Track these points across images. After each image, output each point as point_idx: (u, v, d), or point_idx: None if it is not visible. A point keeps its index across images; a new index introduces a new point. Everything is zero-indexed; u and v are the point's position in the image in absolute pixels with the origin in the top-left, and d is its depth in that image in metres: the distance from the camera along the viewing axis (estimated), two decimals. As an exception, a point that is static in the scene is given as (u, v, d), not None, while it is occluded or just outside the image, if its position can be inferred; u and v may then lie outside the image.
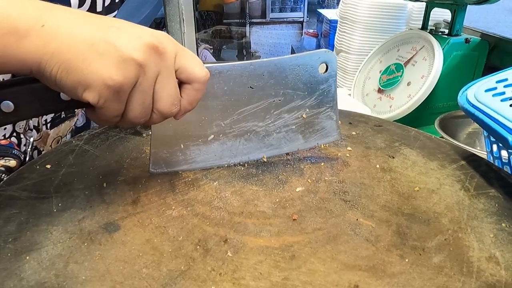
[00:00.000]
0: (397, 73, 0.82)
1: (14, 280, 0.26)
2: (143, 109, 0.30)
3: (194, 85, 0.31)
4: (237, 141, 0.42)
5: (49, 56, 0.25)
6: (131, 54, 0.27)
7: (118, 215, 0.34)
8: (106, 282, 0.27)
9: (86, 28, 0.26)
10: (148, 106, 0.30)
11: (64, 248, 0.30)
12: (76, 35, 0.26)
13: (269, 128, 0.43)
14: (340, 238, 0.32)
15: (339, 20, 1.09)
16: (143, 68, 0.28)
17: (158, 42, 0.28)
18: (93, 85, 0.26)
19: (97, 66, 0.26)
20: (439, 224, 0.34)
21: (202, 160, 0.41)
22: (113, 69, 0.26)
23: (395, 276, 0.28)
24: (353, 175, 0.42)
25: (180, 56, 0.30)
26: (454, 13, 0.79)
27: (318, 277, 0.28)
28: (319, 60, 0.41)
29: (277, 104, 0.42)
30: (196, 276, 0.28)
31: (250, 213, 0.35)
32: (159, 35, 0.29)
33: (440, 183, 0.40)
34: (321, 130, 0.44)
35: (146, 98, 0.29)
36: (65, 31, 0.26)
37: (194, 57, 0.32)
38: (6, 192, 0.36)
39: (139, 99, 0.29)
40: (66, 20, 0.26)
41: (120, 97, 0.28)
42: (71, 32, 0.26)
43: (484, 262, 0.30)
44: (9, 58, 0.25)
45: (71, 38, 0.26)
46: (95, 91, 0.27)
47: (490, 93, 0.41)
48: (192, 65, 0.31)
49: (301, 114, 0.43)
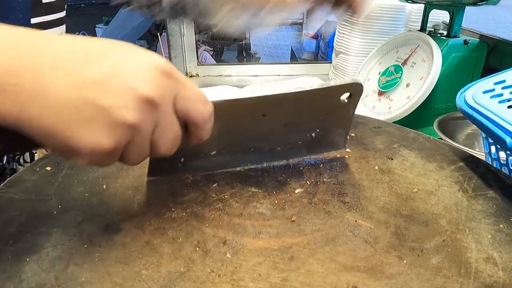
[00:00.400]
0: (396, 74, 0.82)
1: (14, 281, 0.27)
2: (139, 158, 0.27)
3: (198, 125, 0.29)
4: (241, 155, 0.41)
5: (28, 123, 0.22)
6: (123, 117, 0.23)
7: (118, 217, 0.34)
8: (106, 284, 0.27)
9: (66, 85, 0.22)
10: (145, 154, 0.27)
11: (64, 250, 0.30)
12: (55, 97, 0.22)
13: (274, 146, 0.42)
14: (339, 239, 0.32)
15: (338, 22, 1.09)
16: (136, 128, 0.24)
17: (152, 92, 0.24)
18: (80, 153, 0.24)
19: (84, 134, 0.23)
20: (438, 226, 0.34)
21: (202, 169, 0.41)
22: (102, 135, 0.23)
23: (393, 277, 0.29)
24: (352, 176, 0.42)
25: (181, 97, 0.27)
26: (453, 14, 0.80)
27: (317, 278, 0.28)
28: (345, 90, 0.38)
29: (287, 126, 0.39)
30: (195, 278, 0.28)
31: (249, 214, 0.35)
32: (153, 76, 0.25)
33: (438, 184, 0.40)
34: (328, 143, 0.44)
35: (143, 150, 0.27)
36: (42, 92, 0.22)
37: (196, 95, 0.28)
38: (6, 195, 0.36)
39: (134, 153, 0.26)
40: (41, 71, 0.22)
41: (112, 157, 0.25)
42: (49, 93, 0.22)
43: (482, 263, 0.30)
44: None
45: (50, 102, 0.22)
46: (83, 158, 0.24)
47: (488, 95, 0.41)
48: (195, 106, 0.28)
49: (310, 133, 0.42)
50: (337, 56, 1.11)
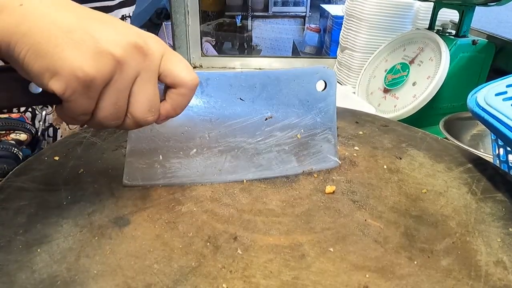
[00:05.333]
0: (402, 72, 0.82)
1: (26, 272, 0.27)
2: (115, 110, 0.27)
3: (180, 89, 0.29)
4: (223, 157, 0.39)
5: (20, 36, 0.23)
6: (109, 48, 0.25)
7: (128, 209, 0.34)
8: (118, 276, 0.27)
9: (67, 15, 0.24)
10: (121, 108, 0.27)
11: (75, 241, 0.30)
12: (53, 19, 0.24)
13: (259, 146, 0.39)
14: (349, 238, 0.32)
15: (345, 17, 1.08)
16: (120, 65, 0.25)
17: (144, 43, 0.26)
18: (60, 73, 0.24)
19: (69, 54, 0.24)
20: (447, 227, 0.34)
21: (182, 175, 0.38)
22: (86, 59, 0.24)
23: (404, 278, 0.29)
24: (360, 175, 0.42)
25: (167, 58, 0.28)
26: (462, 14, 0.79)
27: (328, 277, 0.28)
28: (317, 76, 0.39)
29: (269, 120, 0.39)
30: (207, 273, 0.28)
31: (259, 210, 0.35)
32: (147, 36, 0.27)
33: (447, 185, 0.40)
34: (317, 153, 0.41)
35: (120, 98, 0.27)
36: (41, 13, 0.24)
37: (182, 60, 0.29)
38: (15, 183, 0.36)
39: (111, 98, 0.26)
40: (47, 3, 0.24)
41: (90, 92, 0.25)
42: (49, 15, 0.24)
43: (492, 266, 0.30)
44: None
45: (47, 22, 0.24)
46: (62, 80, 0.24)
47: (500, 97, 0.41)
48: (179, 68, 0.28)
49: (295, 134, 0.40)
50: (343, 52, 1.10)
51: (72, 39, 0.24)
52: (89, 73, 0.24)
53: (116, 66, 0.25)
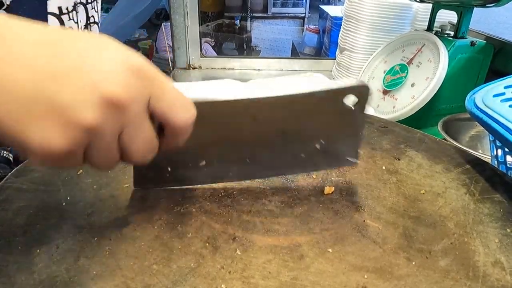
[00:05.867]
0: (401, 73, 0.82)
1: (25, 273, 0.27)
2: (107, 163, 0.25)
3: (174, 130, 0.26)
4: (235, 167, 0.37)
5: None
6: (79, 117, 0.21)
7: (127, 210, 0.34)
8: (117, 277, 0.27)
9: (24, 77, 0.21)
10: (113, 159, 0.25)
11: (74, 242, 0.30)
12: (11, 88, 0.20)
13: (272, 158, 0.37)
14: (348, 239, 0.32)
15: (344, 18, 1.08)
16: (96, 131, 0.22)
17: (122, 90, 0.22)
18: (32, 151, 0.21)
19: (33, 130, 0.21)
20: (445, 228, 0.34)
21: (193, 181, 0.37)
22: (53, 134, 0.21)
23: (402, 278, 0.29)
24: (359, 176, 0.42)
25: (156, 99, 0.24)
26: (461, 15, 0.79)
27: (327, 278, 0.28)
28: (350, 94, 0.33)
29: (285, 136, 0.35)
30: (206, 274, 0.28)
31: (258, 211, 0.35)
32: (127, 73, 0.23)
33: (445, 186, 0.41)
34: (337, 157, 0.39)
35: (110, 155, 0.24)
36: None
37: (175, 98, 0.26)
38: (14, 184, 0.36)
39: (99, 157, 0.24)
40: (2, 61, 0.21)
41: (70, 159, 0.23)
42: (6, 84, 0.20)
43: (490, 267, 0.30)
44: None
45: (4, 93, 0.20)
46: (37, 157, 0.22)
47: (499, 98, 0.41)
48: (173, 109, 0.25)
49: (314, 145, 0.36)
50: (342, 53, 1.11)
51: (34, 110, 0.21)
52: (59, 148, 0.21)
53: (90, 133, 0.22)
